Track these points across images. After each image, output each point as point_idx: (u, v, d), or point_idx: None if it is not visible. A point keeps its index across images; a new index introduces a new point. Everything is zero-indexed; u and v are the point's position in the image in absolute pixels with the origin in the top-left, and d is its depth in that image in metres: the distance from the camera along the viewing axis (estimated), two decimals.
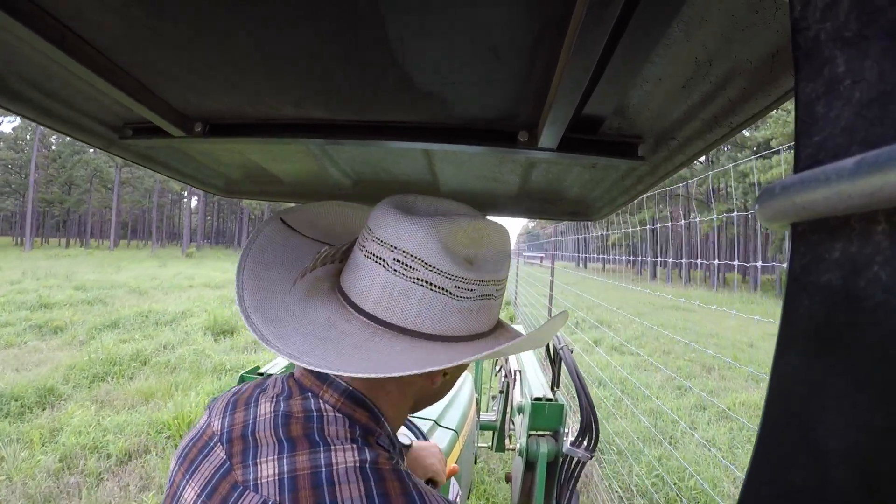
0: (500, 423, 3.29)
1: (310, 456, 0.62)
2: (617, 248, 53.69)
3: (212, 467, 0.67)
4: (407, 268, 0.72)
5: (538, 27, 0.63)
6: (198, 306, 12.60)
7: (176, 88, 0.91)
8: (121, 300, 13.36)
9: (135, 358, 7.46)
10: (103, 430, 4.87)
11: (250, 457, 0.65)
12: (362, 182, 1.56)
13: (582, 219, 1.71)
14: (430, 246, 0.71)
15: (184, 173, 1.53)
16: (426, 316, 0.72)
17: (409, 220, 0.73)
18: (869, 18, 0.22)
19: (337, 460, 0.61)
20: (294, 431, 0.65)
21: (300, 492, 0.59)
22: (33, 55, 0.79)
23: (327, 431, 0.66)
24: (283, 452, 0.63)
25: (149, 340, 8.68)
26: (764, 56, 0.64)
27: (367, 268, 0.75)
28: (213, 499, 0.64)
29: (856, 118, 0.22)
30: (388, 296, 0.73)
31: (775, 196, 0.25)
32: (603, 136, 0.97)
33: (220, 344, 8.86)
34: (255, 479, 0.62)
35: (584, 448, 1.86)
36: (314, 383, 0.72)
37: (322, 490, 0.58)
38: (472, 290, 0.74)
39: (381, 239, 0.74)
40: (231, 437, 0.69)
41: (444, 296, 0.72)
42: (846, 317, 0.22)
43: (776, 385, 0.26)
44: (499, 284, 0.78)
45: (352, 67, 0.78)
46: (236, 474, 0.64)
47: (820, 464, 0.22)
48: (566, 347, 2.12)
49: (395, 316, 0.73)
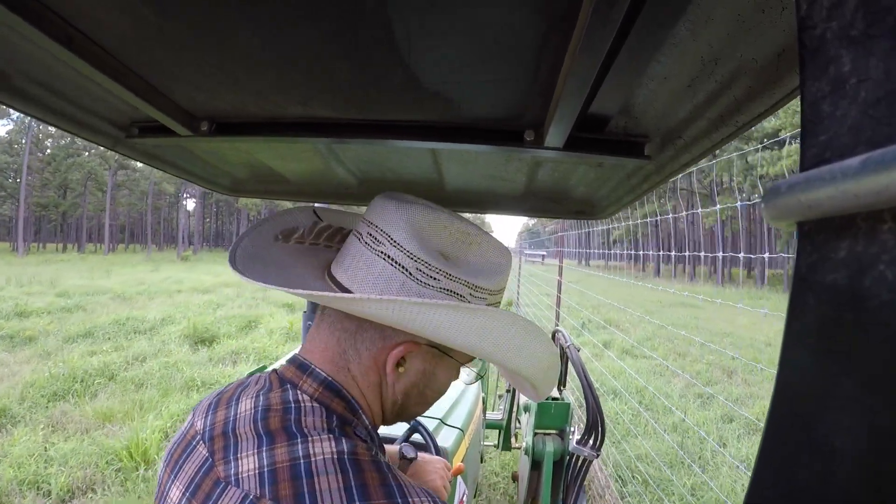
0: (506, 422, 3.30)
1: (288, 448, 0.63)
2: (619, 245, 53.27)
3: (195, 466, 0.68)
4: (375, 240, 0.75)
5: (544, 26, 0.63)
6: (180, 312, 12.38)
7: (182, 88, 0.91)
8: (102, 307, 13.01)
9: (101, 372, 6.97)
10: (48, 460, 4.40)
11: (231, 452, 0.65)
12: (368, 181, 1.56)
13: (587, 217, 1.71)
14: (400, 225, 0.74)
15: (190, 172, 1.53)
16: (382, 287, 0.73)
17: (392, 203, 0.77)
18: (875, 17, 0.22)
19: (314, 451, 0.62)
20: (272, 424, 0.66)
21: (280, 484, 0.59)
22: (40, 54, 0.80)
23: (304, 423, 0.67)
24: (262, 446, 0.64)
25: (120, 352, 8.25)
26: (770, 55, 0.64)
27: (349, 241, 0.80)
28: (196, 496, 0.64)
29: (862, 117, 0.22)
30: (353, 264, 0.76)
31: (781, 195, 0.25)
32: (609, 135, 0.97)
33: (197, 354, 8.43)
34: (236, 474, 0.62)
35: (591, 447, 1.86)
36: (294, 374, 0.75)
37: (301, 482, 0.59)
38: (437, 279, 0.73)
39: (366, 219, 0.79)
40: (213, 435, 0.70)
41: (403, 274, 0.72)
42: (852, 316, 0.22)
43: (782, 384, 0.26)
44: (477, 291, 0.77)
45: (358, 66, 0.78)
46: (218, 470, 0.65)
47: (826, 463, 0.22)
48: (573, 346, 2.12)
49: (355, 282, 0.75)
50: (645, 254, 4.72)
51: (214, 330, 9.96)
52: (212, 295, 16.22)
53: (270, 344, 9.34)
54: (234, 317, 11.82)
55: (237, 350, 8.69)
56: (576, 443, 1.91)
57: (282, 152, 1.30)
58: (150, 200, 69.27)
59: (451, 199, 1.72)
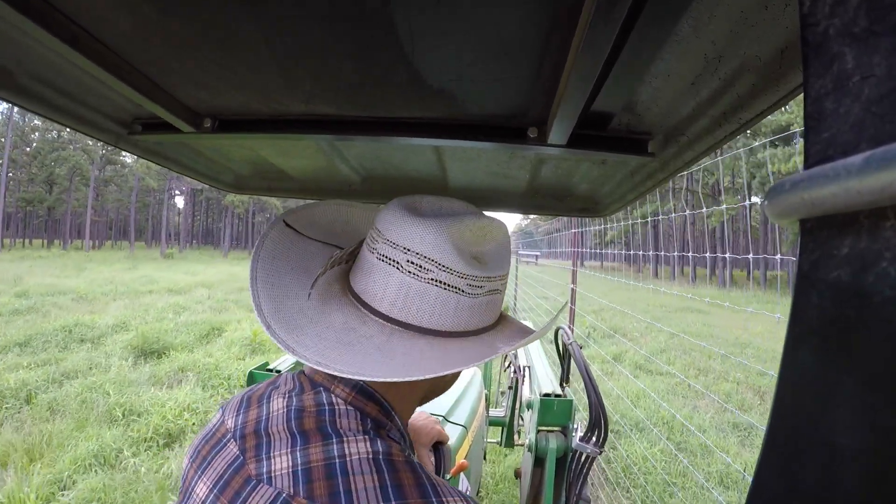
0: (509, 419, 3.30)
1: (323, 448, 0.63)
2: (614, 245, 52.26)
3: (224, 462, 0.68)
4: (421, 269, 0.73)
5: (548, 24, 0.63)
6: (140, 316, 11.36)
7: (185, 85, 0.91)
8: (59, 309, 11.89)
9: (16, 393, 5.82)
10: None
11: (263, 451, 0.66)
12: (371, 178, 1.56)
13: (590, 215, 1.71)
14: (443, 247, 0.73)
15: (193, 169, 1.53)
16: (441, 314, 0.74)
17: (419, 221, 0.75)
18: (878, 14, 0.22)
19: (350, 451, 0.62)
20: (307, 425, 0.66)
21: (314, 483, 0.59)
22: (44, 52, 0.80)
23: (339, 424, 0.67)
24: (296, 446, 0.64)
25: (49, 367, 7.04)
26: (773, 52, 0.64)
27: (381, 270, 0.76)
28: (225, 493, 0.64)
29: (865, 114, 0.22)
30: (403, 297, 0.74)
31: (784, 192, 0.25)
32: (612, 133, 0.97)
33: (138, 371, 7.16)
34: (268, 473, 0.63)
35: (594, 444, 1.86)
36: (325, 378, 0.74)
37: (336, 480, 0.59)
38: (482, 286, 0.76)
39: (392, 241, 0.75)
40: (244, 433, 0.70)
41: (458, 294, 0.74)
42: (855, 313, 0.22)
43: (785, 382, 0.26)
44: (503, 279, 0.81)
45: (362, 64, 0.78)
46: (249, 468, 0.65)
47: (829, 461, 0.22)
48: (575, 343, 2.12)
49: (412, 316, 0.74)
50: (645, 254, 4.57)
51: (168, 340, 8.82)
52: (184, 296, 15.27)
53: (226, 359, 7.97)
54: (196, 323, 10.79)
55: (185, 366, 7.40)
56: (579, 440, 1.91)
57: (285, 149, 1.30)
58: (134, 196, 67.91)
59: (455, 196, 1.71)
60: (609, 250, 57.95)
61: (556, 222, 11.16)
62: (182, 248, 70.75)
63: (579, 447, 1.88)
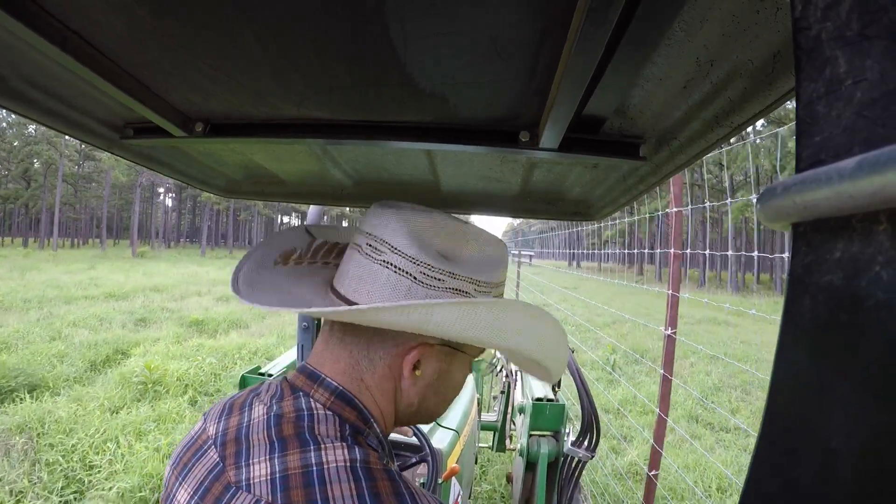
0: (501, 424, 3.30)
1: (300, 455, 0.63)
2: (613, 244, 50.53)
3: (204, 469, 0.69)
4: (375, 251, 0.75)
5: (540, 27, 0.63)
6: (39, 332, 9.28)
7: (177, 88, 0.91)
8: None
9: None
10: None
11: (243, 458, 0.66)
12: (363, 182, 1.56)
13: (583, 219, 1.72)
14: (399, 231, 0.75)
15: (185, 173, 1.53)
16: (389, 296, 0.74)
17: (388, 210, 0.78)
18: (870, 18, 0.22)
19: (327, 459, 0.62)
20: (285, 431, 0.67)
21: (292, 491, 0.59)
22: (35, 56, 0.79)
23: (317, 430, 0.67)
24: (274, 452, 0.64)
25: None
26: (765, 56, 0.64)
27: (348, 255, 0.81)
28: (205, 499, 0.65)
29: (857, 118, 0.22)
30: (358, 277, 0.76)
31: (777, 196, 0.25)
32: (604, 136, 0.97)
33: None
34: (247, 480, 0.63)
35: (585, 448, 1.86)
36: (305, 383, 0.75)
37: (313, 489, 0.59)
38: (442, 279, 0.75)
39: (361, 229, 0.80)
40: (225, 440, 0.71)
41: (408, 279, 0.73)
42: (848, 317, 0.22)
43: (777, 385, 0.26)
44: (480, 286, 0.78)
45: (354, 67, 0.78)
46: (229, 475, 0.65)
47: (821, 463, 0.22)
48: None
49: (361, 295, 0.75)
50: (651, 252, 4.30)
51: (36, 373, 6.60)
52: (119, 303, 13.39)
53: (92, 414, 5.56)
54: (97, 344, 8.59)
55: (23, 425, 5.13)
56: (570, 444, 1.91)
57: (277, 153, 1.30)
58: (106, 192, 66.25)
59: (447, 200, 1.72)
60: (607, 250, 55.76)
61: (549, 221, 10.91)
62: (162, 246, 68.75)
63: (571, 452, 1.89)
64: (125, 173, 65.22)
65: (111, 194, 74.70)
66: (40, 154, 60.40)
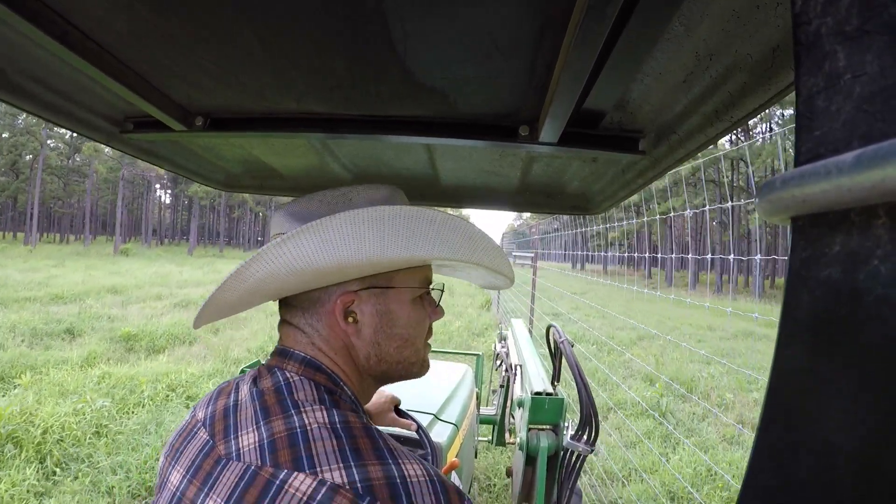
0: (500, 417, 3.31)
1: (283, 420, 0.67)
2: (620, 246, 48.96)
3: (195, 449, 0.73)
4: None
5: (540, 22, 0.63)
6: None
7: (177, 83, 0.91)
8: None
9: None
10: None
11: (231, 432, 0.70)
12: (363, 176, 1.56)
13: (582, 213, 1.72)
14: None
15: (185, 167, 1.53)
16: None
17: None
18: (870, 13, 0.22)
19: (309, 421, 0.67)
20: (268, 402, 0.71)
21: (279, 452, 0.63)
22: (36, 50, 0.79)
23: (297, 396, 0.72)
24: (259, 422, 0.68)
25: None
26: (765, 50, 0.64)
27: None
28: (197, 476, 0.68)
29: (856, 113, 0.22)
30: None
31: (776, 190, 0.25)
32: (604, 131, 0.97)
33: None
34: (237, 450, 0.67)
35: (585, 442, 1.86)
36: (278, 361, 0.80)
37: (298, 448, 0.63)
38: None
39: None
40: (213, 420, 0.75)
41: None
42: (846, 311, 0.22)
43: (776, 379, 0.26)
44: None
45: (354, 62, 0.78)
46: (219, 449, 0.69)
47: (820, 458, 0.22)
48: (566, 341, 2.12)
49: None
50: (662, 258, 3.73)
51: None
52: (65, 307, 11.38)
53: None
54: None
55: None
56: (570, 438, 1.91)
57: (276, 148, 1.30)
58: (89, 185, 64.27)
59: (446, 194, 1.72)
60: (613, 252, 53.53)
61: (553, 222, 10.17)
62: (157, 243, 66.65)
63: (570, 445, 1.89)
64: (106, 165, 63.43)
65: (106, 189, 73.43)
66: (26, 145, 58.28)
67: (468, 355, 4.59)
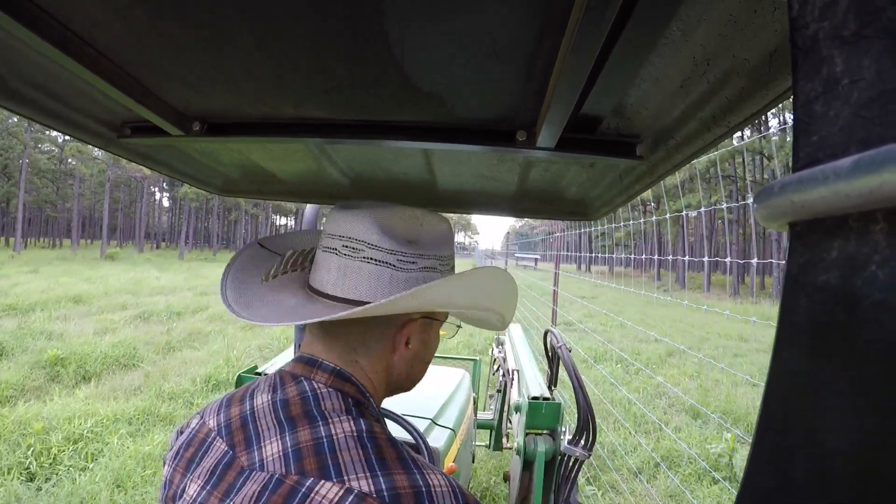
0: (497, 422, 3.30)
1: (310, 430, 0.68)
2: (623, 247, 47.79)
3: (213, 460, 0.72)
4: (353, 250, 0.81)
5: (537, 27, 0.63)
6: None
7: (174, 88, 0.91)
8: None
9: None
10: None
11: (253, 442, 0.70)
12: (360, 181, 1.56)
13: (580, 218, 1.72)
14: (372, 229, 0.81)
15: (182, 172, 1.53)
16: (375, 287, 0.80)
17: (353, 212, 0.83)
18: (868, 17, 0.22)
19: (336, 431, 0.67)
20: (294, 412, 0.71)
21: (304, 460, 0.64)
22: (33, 56, 0.80)
23: (324, 406, 0.72)
24: (285, 432, 0.69)
25: None
26: (762, 55, 0.64)
27: (324, 258, 0.85)
28: (218, 488, 0.68)
29: (854, 118, 0.22)
30: (342, 276, 0.81)
31: (773, 195, 0.25)
32: (601, 136, 0.97)
33: None
34: (260, 460, 0.67)
35: (582, 447, 1.86)
36: (304, 370, 0.80)
37: (325, 457, 0.64)
38: (415, 262, 0.82)
39: (331, 233, 0.85)
40: (231, 430, 0.74)
41: (389, 268, 0.80)
42: (844, 316, 0.22)
43: (773, 384, 0.26)
44: (442, 260, 0.87)
45: (352, 67, 0.78)
46: (241, 460, 0.69)
47: (818, 463, 0.22)
48: (564, 346, 2.12)
49: (350, 291, 0.81)
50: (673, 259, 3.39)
51: None
52: (13, 319, 10.12)
53: None
54: None
55: None
56: (567, 443, 1.91)
57: (274, 153, 1.30)
58: (76, 187, 63.14)
59: (444, 199, 1.72)
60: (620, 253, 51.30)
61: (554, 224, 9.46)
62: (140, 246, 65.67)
63: (568, 450, 1.89)
64: (98, 167, 61.80)
65: (101, 192, 72.19)
66: (14, 148, 56.50)
67: (465, 360, 4.60)
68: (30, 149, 56.40)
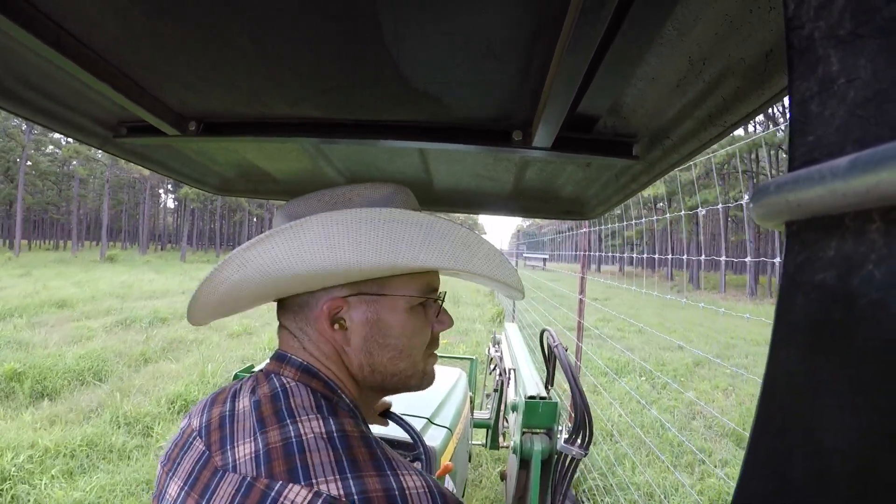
0: (494, 421, 3.31)
1: (279, 430, 0.65)
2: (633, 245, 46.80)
3: (192, 460, 0.71)
4: None
5: (533, 26, 0.63)
6: None
7: (170, 88, 0.91)
8: None
9: None
10: None
11: (228, 443, 0.68)
12: (356, 181, 1.56)
13: (576, 217, 1.72)
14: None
15: (179, 172, 1.53)
16: None
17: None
18: (863, 17, 0.22)
19: (304, 431, 0.65)
20: (265, 412, 0.69)
21: (274, 462, 0.62)
22: (29, 56, 0.79)
23: (293, 404, 0.70)
24: (256, 432, 0.67)
25: None
26: (758, 55, 0.64)
27: None
28: (195, 488, 0.67)
29: (850, 117, 0.22)
30: None
31: (770, 194, 0.25)
32: (597, 135, 0.97)
33: None
34: (234, 461, 0.65)
35: (578, 446, 1.86)
36: (275, 366, 0.78)
37: (294, 458, 0.62)
38: None
39: None
40: (209, 430, 0.73)
41: None
42: (841, 315, 0.22)
43: (770, 383, 0.26)
44: None
45: (347, 67, 0.78)
46: (216, 460, 0.67)
47: (815, 462, 0.22)
48: (560, 345, 2.12)
49: None
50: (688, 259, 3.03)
51: None
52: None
53: None
54: None
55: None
56: (563, 442, 1.91)
57: (270, 152, 1.29)
58: (76, 189, 62.55)
59: (440, 198, 1.72)
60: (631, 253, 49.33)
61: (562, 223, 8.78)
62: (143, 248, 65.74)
63: (564, 449, 1.89)
64: (84, 164, 61.38)
65: (102, 194, 72.17)
66: (15, 150, 55.54)
67: (462, 359, 4.60)
68: (31, 151, 56.01)
